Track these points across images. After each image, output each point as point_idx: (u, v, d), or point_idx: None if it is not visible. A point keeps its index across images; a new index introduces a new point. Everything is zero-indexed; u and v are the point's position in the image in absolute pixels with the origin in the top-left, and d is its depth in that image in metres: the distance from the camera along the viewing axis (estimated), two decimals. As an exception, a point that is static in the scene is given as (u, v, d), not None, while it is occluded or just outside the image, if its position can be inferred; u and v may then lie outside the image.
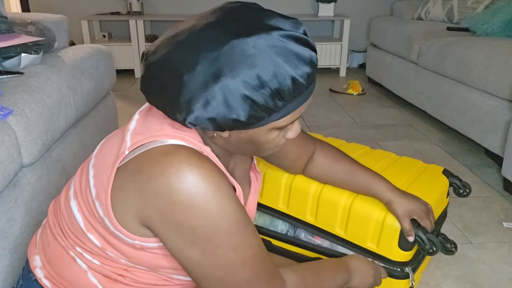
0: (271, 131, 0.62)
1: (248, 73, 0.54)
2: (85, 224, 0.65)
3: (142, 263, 0.66)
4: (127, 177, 0.59)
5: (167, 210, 0.56)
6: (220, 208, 0.57)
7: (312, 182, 1.01)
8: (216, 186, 0.57)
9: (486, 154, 2.02)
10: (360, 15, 3.85)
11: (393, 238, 0.92)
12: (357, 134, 2.32)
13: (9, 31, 1.28)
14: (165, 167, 0.56)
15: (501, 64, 1.80)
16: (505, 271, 1.24)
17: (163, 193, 0.56)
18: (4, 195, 0.95)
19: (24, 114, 1.04)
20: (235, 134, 0.62)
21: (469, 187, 1.14)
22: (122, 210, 0.60)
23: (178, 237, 0.58)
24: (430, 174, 1.12)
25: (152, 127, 0.62)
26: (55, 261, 0.69)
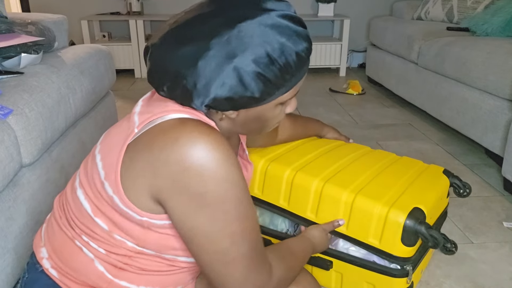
0: (276, 106, 0.66)
1: (258, 52, 0.58)
2: (92, 209, 0.66)
3: (148, 244, 0.66)
4: (138, 151, 0.61)
5: (178, 177, 0.58)
6: (229, 174, 0.59)
7: (314, 178, 1.01)
8: (225, 154, 0.59)
9: (486, 154, 2.02)
10: (360, 15, 3.85)
11: (396, 233, 0.92)
12: (357, 134, 2.32)
13: (9, 31, 1.28)
14: (176, 136, 0.58)
15: (501, 64, 1.80)
16: (506, 270, 1.24)
17: (175, 160, 0.58)
18: (4, 194, 0.95)
19: (24, 114, 1.03)
20: (243, 113, 0.65)
21: (469, 187, 1.14)
22: (132, 184, 0.61)
23: (187, 204, 0.59)
24: (430, 174, 1.11)
25: (158, 105, 0.64)
26: (62, 251, 0.70)
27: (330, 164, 1.08)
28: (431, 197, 1.00)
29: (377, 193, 0.97)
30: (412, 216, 0.91)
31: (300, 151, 1.14)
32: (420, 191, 1.00)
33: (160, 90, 0.63)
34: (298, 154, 1.12)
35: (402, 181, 1.03)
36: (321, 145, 1.18)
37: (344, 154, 1.14)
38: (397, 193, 0.98)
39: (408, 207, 0.93)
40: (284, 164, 1.06)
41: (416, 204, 0.95)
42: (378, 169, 1.07)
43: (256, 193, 1.09)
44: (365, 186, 0.99)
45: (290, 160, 1.08)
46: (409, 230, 0.91)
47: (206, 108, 0.62)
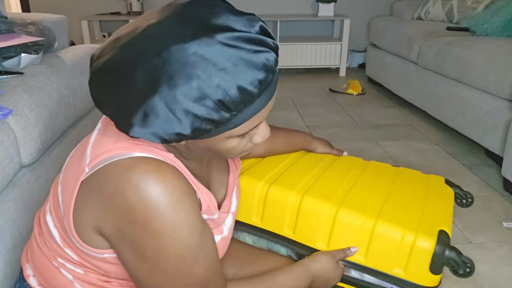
0: (229, 139, 0.57)
1: (187, 84, 0.48)
2: (61, 240, 0.65)
3: (120, 275, 0.65)
4: (88, 193, 0.58)
5: (123, 228, 0.56)
6: (173, 231, 0.55)
7: (325, 202, 0.90)
8: (173, 207, 0.54)
9: (486, 154, 2.02)
10: (360, 15, 3.85)
11: (425, 262, 0.83)
12: (357, 134, 2.32)
13: (9, 31, 1.28)
14: (124, 185, 0.54)
15: (501, 64, 1.80)
16: (506, 271, 1.24)
17: (122, 211, 0.55)
18: (3, 195, 0.95)
19: (24, 114, 1.04)
20: (191, 143, 0.59)
21: (472, 196, 1.09)
22: (83, 225, 0.59)
23: (130, 253, 0.58)
24: (436, 187, 1.04)
25: (108, 140, 0.59)
26: (43, 271, 0.69)
27: (335, 185, 0.98)
28: (448, 215, 0.92)
29: (396, 216, 0.87)
30: (441, 241, 0.82)
31: (296, 170, 1.04)
32: (437, 210, 0.92)
33: (96, 104, 0.57)
34: (295, 174, 1.02)
35: (415, 200, 0.95)
36: (317, 162, 1.09)
37: (344, 171, 1.06)
38: (416, 215, 0.89)
39: (434, 231, 0.84)
40: (287, 188, 0.94)
41: (440, 226, 0.86)
42: (385, 188, 0.99)
43: (254, 222, 0.98)
44: (381, 209, 0.89)
45: (290, 182, 0.97)
46: (438, 257, 0.82)
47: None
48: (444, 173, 1.84)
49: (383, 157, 2.00)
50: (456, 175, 1.83)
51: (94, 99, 0.56)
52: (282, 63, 3.63)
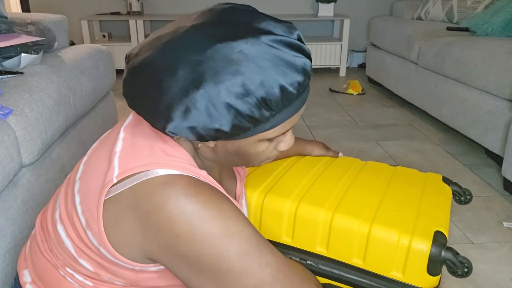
0: (260, 142, 0.58)
1: (232, 79, 0.50)
2: (76, 250, 0.62)
3: (139, 283, 0.63)
4: (123, 210, 0.56)
5: (170, 244, 0.54)
6: (226, 230, 0.54)
7: (320, 209, 0.91)
8: (217, 211, 0.54)
9: (486, 154, 2.02)
10: (360, 15, 3.85)
11: (422, 264, 0.83)
12: (357, 134, 2.32)
13: (9, 31, 1.28)
14: (163, 200, 0.53)
15: (501, 64, 1.80)
16: (506, 271, 1.24)
17: (165, 227, 0.53)
18: (4, 194, 0.95)
19: (24, 114, 1.03)
20: (221, 145, 0.59)
21: (470, 194, 1.09)
22: (121, 242, 0.57)
23: (186, 269, 0.55)
24: (432, 185, 1.04)
25: (141, 152, 0.58)
26: (46, 277, 0.66)
27: (330, 189, 0.99)
28: (445, 215, 0.92)
29: (392, 219, 0.88)
30: (437, 243, 0.83)
31: (291, 177, 1.04)
32: (433, 210, 0.92)
33: (129, 103, 0.58)
34: (290, 181, 1.02)
35: (411, 201, 0.96)
36: (312, 166, 1.10)
37: (340, 173, 1.06)
38: (412, 216, 0.90)
39: (430, 232, 0.84)
40: (282, 196, 0.95)
41: (436, 227, 0.86)
42: (381, 189, 1.00)
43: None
44: (376, 212, 0.90)
45: (284, 190, 0.98)
46: (435, 258, 0.82)
47: (173, 134, 0.56)
48: (444, 173, 1.84)
49: (384, 157, 2.00)
50: (456, 175, 1.83)
51: (128, 96, 0.56)
52: (282, 63, 3.63)
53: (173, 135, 0.56)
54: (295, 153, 1.13)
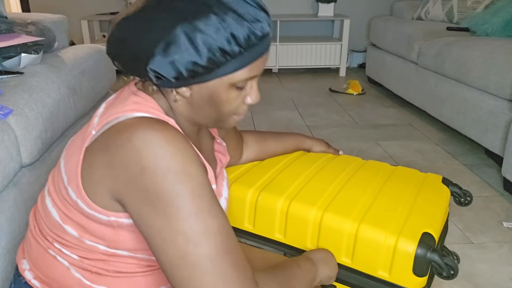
0: (230, 88, 0.64)
1: (206, 17, 0.58)
2: (61, 216, 0.66)
3: (120, 245, 0.65)
4: (95, 154, 0.60)
5: (134, 177, 0.57)
6: (185, 168, 0.57)
7: (311, 207, 0.92)
8: (179, 148, 0.58)
9: (486, 154, 2.02)
10: (360, 15, 3.85)
11: (407, 264, 0.83)
12: (357, 134, 2.32)
13: (9, 31, 1.28)
14: (130, 135, 0.58)
15: (501, 64, 1.80)
16: (506, 271, 1.24)
17: (130, 160, 0.57)
18: (4, 194, 0.95)
19: (24, 114, 1.04)
20: (196, 91, 0.64)
21: (470, 195, 1.08)
22: (94, 188, 0.61)
23: (143, 204, 0.58)
24: (430, 186, 1.04)
25: (115, 107, 0.64)
26: (39, 262, 0.70)
27: (325, 187, 1.00)
28: (437, 216, 0.92)
29: (381, 219, 0.89)
30: (423, 244, 0.83)
31: (288, 175, 1.05)
32: (425, 211, 0.93)
33: (112, 55, 0.64)
34: (286, 178, 1.03)
35: (405, 200, 0.96)
36: (310, 163, 1.10)
37: (337, 172, 1.07)
38: (402, 216, 0.90)
39: (417, 234, 0.85)
40: (275, 194, 0.97)
41: (425, 228, 0.86)
42: (376, 188, 1.00)
43: (247, 227, 1.00)
44: (367, 211, 0.91)
45: (280, 188, 0.99)
46: (421, 259, 0.82)
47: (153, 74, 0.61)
48: (444, 173, 1.84)
49: (384, 157, 2.00)
50: (456, 175, 1.83)
51: (112, 48, 0.63)
52: (282, 63, 3.63)
53: (153, 75, 0.61)
54: (294, 146, 1.15)
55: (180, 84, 0.62)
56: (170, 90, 0.65)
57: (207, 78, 0.62)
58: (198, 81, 0.62)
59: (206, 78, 0.62)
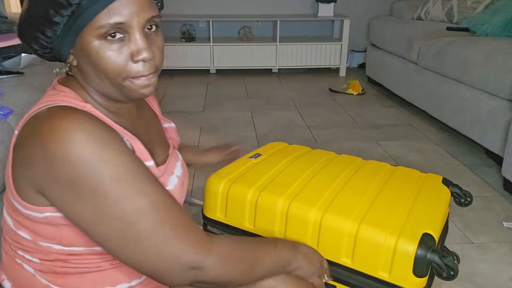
0: (102, 41, 0.59)
1: None
2: (14, 223, 0.66)
3: (72, 242, 0.64)
4: (16, 152, 0.61)
5: (46, 168, 0.56)
6: (98, 154, 0.56)
7: (311, 208, 0.92)
8: (88, 134, 0.56)
9: (486, 154, 2.02)
10: (360, 15, 3.85)
11: (407, 265, 0.83)
12: (357, 134, 2.32)
13: (9, 31, 1.28)
14: (35, 128, 0.57)
15: (501, 64, 1.80)
16: (506, 270, 1.24)
17: (40, 151, 0.56)
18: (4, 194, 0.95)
19: (24, 114, 1.04)
20: (79, 55, 0.61)
21: (470, 196, 1.09)
22: (20, 185, 0.61)
23: (63, 194, 0.57)
24: (430, 186, 1.04)
25: (34, 106, 0.64)
26: (10, 272, 0.70)
27: (325, 187, 0.99)
28: (437, 217, 0.93)
29: (381, 219, 0.89)
30: (423, 245, 0.83)
31: (288, 175, 1.05)
32: (426, 211, 0.93)
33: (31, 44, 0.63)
34: (286, 179, 1.03)
35: (405, 201, 0.96)
36: (311, 163, 1.10)
37: (337, 172, 1.07)
38: (402, 217, 0.90)
39: (417, 234, 0.85)
40: (275, 194, 0.97)
41: (425, 229, 0.87)
42: (376, 188, 1.00)
43: (247, 227, 1.00)
44: (367, 212, 0.91)
45: (280, 188, 0.99)
46: (421, 260, 0.83)
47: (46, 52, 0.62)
48: (444, 173, 1.84)
49: (384, 157, 2.00)
50: (456, 175, 1.83)
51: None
52: (282, 63, 3.63)
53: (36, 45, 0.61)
54: (188, 161, 1.06)
55: (65, 50, 0.61)
56: (65, 64, 0.64)
57: (74, 31, 0.59)
58: (70, 39, 0.59)
59: (73, 31, 0.59)
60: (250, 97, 3.06)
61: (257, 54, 3.59)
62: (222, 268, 0.63)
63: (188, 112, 2.70)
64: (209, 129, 2.40)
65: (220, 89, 3.26)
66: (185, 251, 0.60)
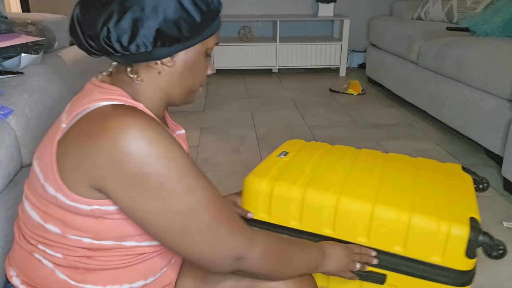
0: (204, 55, 0.70)
1: None
2: (41, 216, 0.66)
3: (105, 235, 0.65)
4: (68, 145, 0.61)
5: (115, 164, 0.58)
6: (167, 152, 0.60)
7: (361, 201, 0.94)
8: (157, 132, 0.60)
9: (486, 154, 2.02)
10: (360, 15, 3.85)
11: (460, 248, 0.88)
12: (357, 134, 2.32)
13: (9, 31, 1.28)
14: (104, 123, 0.59)
15: (501, 64, 1.80)
16: (506, 270, 1.24)
17: (108, 147, 0.58)
18: (4, 194, 0.95)
19: (24, 114, 1.04)
20: (181, 58, 0.68)
21: (487, 181, 1.14)
22: (72, 178, 0.61)
23: (131, 190, 0.59)
24: (455, 174, 1.09)
25: (82, 99, 0.65)
26: (24, 267, 0.70)
27: (365, 181, 1.01)
28: (473, 201, 0.98)
29: (428, 207, 0.93)
30: (474, 228, 0.88)
31: (325, 170, 1.05)
32: (462, 197, 0.98)
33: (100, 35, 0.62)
34: (325, 174, 1.03)
35: (440, 189, 1.00)
36: (340, 157, 1.12)
37: (369, 166, 1.09)
38: (445, 203, 0.94)
39: (465, 219, 0.90)
40: (321, 189, 0.97)
41: (469, 213, 0.91)
42: (411, 179, 1.04)
43: (293, 225, 1.00)
44: (414, 201, 0.94)
45: (323, 183, 0.99)
46: (473, 242, 0.88)
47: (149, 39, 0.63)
48: (444, 173, 1.84)
49: (383, 157, 2.00)
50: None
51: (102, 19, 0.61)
52: (282, 63, 3.63)
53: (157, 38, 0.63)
54: None
55: (172, 51, 0.66)
56: (153, 63, 0.66)
57: (195, 41, 0.67)
58: (189, 45, 0.67)
59: (194, 41, 0.67)
60: (250, 97, 3.06)
61: (257, 54, 3.59)
62: (262, 261, 0.69)
63: (188, 112, 2.70)
64: (209, 129, 2.40)
65: (220, 89, 3.26)
66: (235, 242, 0.66)
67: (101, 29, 0.61)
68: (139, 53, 0.64)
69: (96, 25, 0.62)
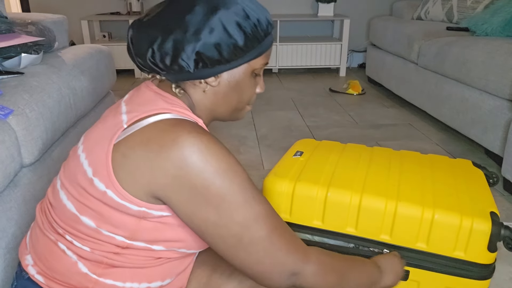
0: (250, 75, 0.72)
1: (237, 7, 0.66)
2: (77, 207, 0.67)
3: (139, 236, 0.66)
4: (132, 148, 0.63)
5: (180, 175, 0.61)
6: (229, 166, 0.63)
7: (384, 199, 0.95)
8: (222, 148, 0.64)
9: (486, 154, 2.02)
10: (360, 15, 3.85)
11: (483, 242, 0.90)
12: (357, 134, 2.32)
13: (9, 31, 1.28)
14: (176, 136, 0.62)
15: (501, 63, 1.80)
16: (506, 270, 1.24)
17: (176, 158, 0.61)
18: (5, 194, 0.95)
19: (25, 114, 1.04)
20: (225, 78, 0.70)
21: (497, 176, 1.17)
22: (128, 179, 0.63)
23: (193, 200, 0.62)
24: (467, 169, 1.11)
25: (145, 104, 0.68)
26: (46, 256, 0.70)
27: (384, 179, 1.03)
28: (490, 196, 1.00)
29: (449, 203, 0.95)
30: (495, 222, 0.90)
31: (344, 169, 1.07)
32: (479, 192, 1.00)
33: (146, 55, 0.66)
34: (344, 173, 1.05)
35: (456, 185, 1.02)
36: (357, 155, 1.14)
37: (385, 163, 1.10)
38: (465, 199, 0.96)
39: (486, 213, 0.92)
40: (343, 188, 0.98)
41: (489, 208, 0.93)
42: (428, 175, 1.06)
43: (316, 224, 1.01)
44: (434, 197, 0.96)
45: (344, 182, 1.01)
46: (495, 237, 0.90)
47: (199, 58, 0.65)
48: (444, 173, 1.84)
49: (383, 157, 2.00)
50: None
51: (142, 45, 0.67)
52: (282, 63, 3.63)
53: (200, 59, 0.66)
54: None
55: (215, 71, 0.68)
56: (198, 82, 0.69)
57: (239, 63, 0.69)
58: (231, 66, 0.69)
59: (238, 63, 0.69)
60: (250, 97, 3.06)
61: (257, 54, 3.59)
62: (319, 277, 0.69)
63: (188, 112, 2.70)
64: (209, 129, 2.40)
65: (220, 89, 3.26)
66: (289, 257, 0.67)
67: (147, 50, 0.66)
68: (184, 72, 0.67)
69: (142, 45, 0.67)
